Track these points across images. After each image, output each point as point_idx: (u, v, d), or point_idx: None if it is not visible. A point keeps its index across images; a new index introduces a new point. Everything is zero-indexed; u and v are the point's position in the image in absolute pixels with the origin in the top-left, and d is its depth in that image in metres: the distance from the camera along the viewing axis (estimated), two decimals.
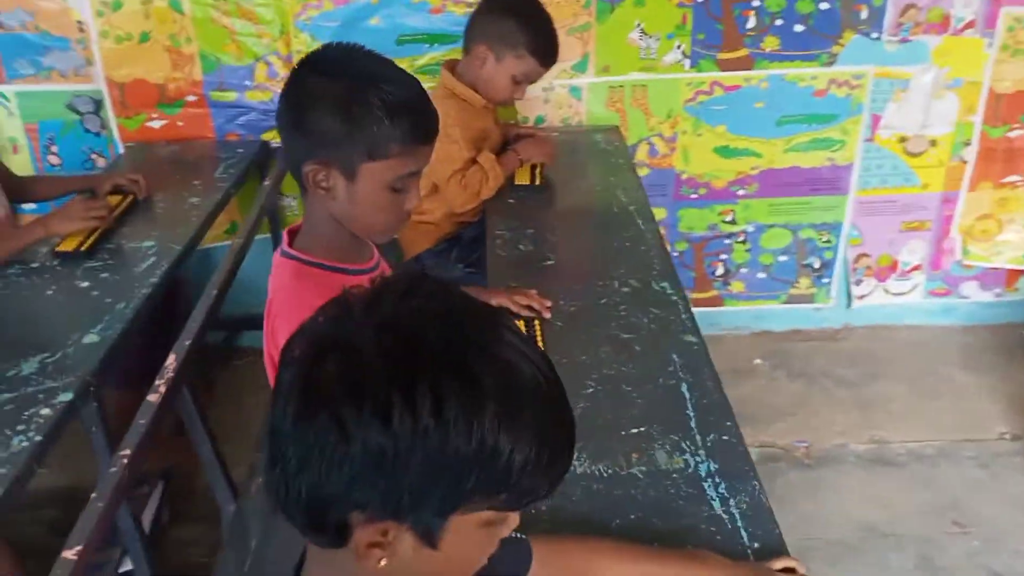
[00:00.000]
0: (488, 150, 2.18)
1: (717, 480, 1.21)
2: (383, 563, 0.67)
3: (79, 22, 2.44)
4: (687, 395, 1.39)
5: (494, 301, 1.59)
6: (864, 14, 2.46)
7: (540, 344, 1.51)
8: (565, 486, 0.83)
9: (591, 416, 1.35)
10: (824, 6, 2.45)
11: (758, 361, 2.89)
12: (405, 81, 1.28)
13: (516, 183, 2.17)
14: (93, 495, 1.21)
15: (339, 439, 0.62)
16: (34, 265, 1.86)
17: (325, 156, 1.25)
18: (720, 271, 2.89)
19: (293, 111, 1.26)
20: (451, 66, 2.24)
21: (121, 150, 2.57)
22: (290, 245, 1.35)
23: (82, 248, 1.88)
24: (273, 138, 2.56)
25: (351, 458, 0.62)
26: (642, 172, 2.66)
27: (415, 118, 1.25)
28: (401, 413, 0.61)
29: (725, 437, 1.30)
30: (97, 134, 2.59)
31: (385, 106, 1.22)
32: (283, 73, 2.50)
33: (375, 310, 0.67)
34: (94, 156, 2.61)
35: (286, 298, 1.29)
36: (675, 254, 2.82)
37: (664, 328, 1.58)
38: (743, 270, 2.89)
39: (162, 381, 1.47)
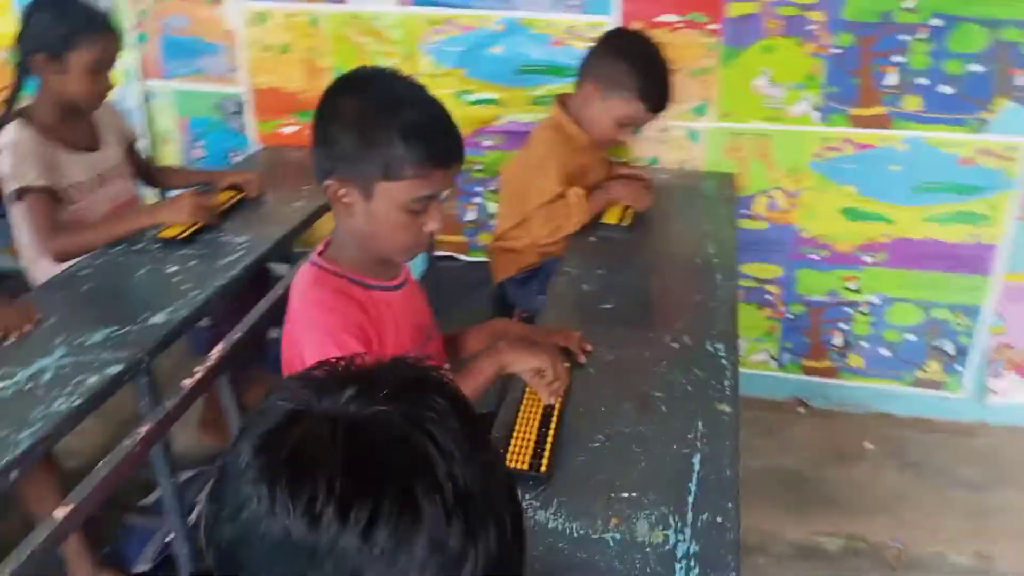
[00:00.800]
0: (586, 187, 2.15)
1: (692, 564, 1.11)
2: None
3: (229, 31, 2.64)
4: (696, 467, 1.29)
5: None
6: (1020, 80, 2.21)
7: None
8: (529, 536, 0.79)
9: (585, 471, 1.28)
10: (975, 68, 2.23)
11: (868, 445, 2.64)
12: (427, 105, 1.29)
13: (603, 221, 2.11)
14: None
15: (268, 513, 0.61)
16: (137, 246, 2.01)
17: (344, 173, 1.28)
18: (838, 341, 2.68)
19: (319, 127, 1.30)
20: (563, 99, 2.23)
21: (256, 150, 2.75)
22: (320, 255, 1.38)
23: (180, 236, 2.02)
24: None
25: (272, 535, 0.60)
26: (758, 226, 2.53)
27: (432, 142, 1.26)
28: (331, 520, 0.59)
29: (719, 519, 1.18)
30: (237, 134, 2.79)
31: (402, 128, 1.24)
32: None
33: (348, 397, 0.64)
34: (233, 154, 2.80)
35: (303, 305, 1.33)
36: (789, 316, 2.65)
37: (700, 392, 1.48)
38: (864, 343, 2.66)
39: (202, 368, 1.54)
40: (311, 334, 1.29)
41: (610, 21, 2.37)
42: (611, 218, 2.12)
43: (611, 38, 2.20)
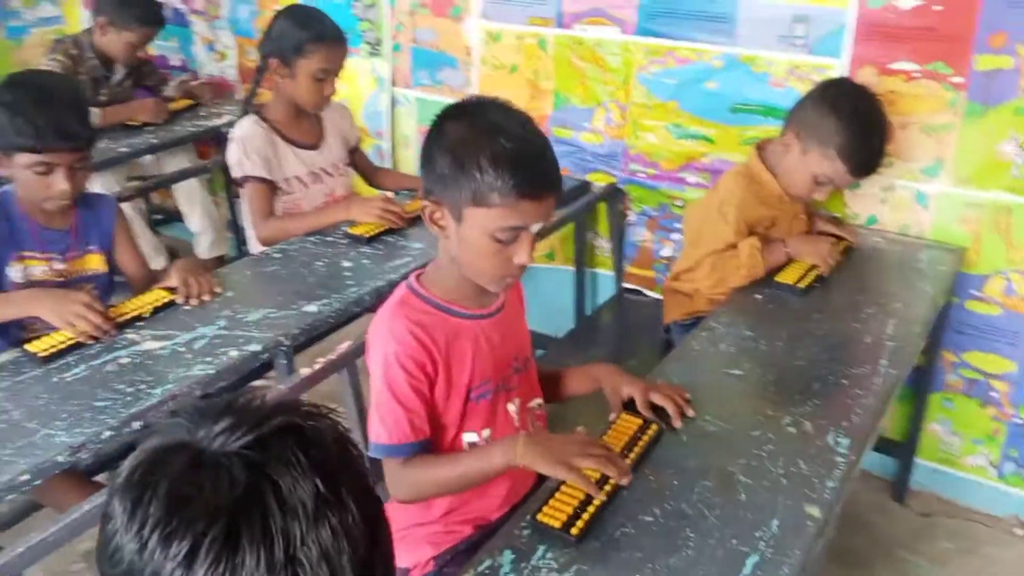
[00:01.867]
0: (769, 239, 2.00)
1: None
2: None
3: (468, 47, 2.79)
4: (746, 570, 1.15)
5: (626, 390, 1.48)
6: None
7: (640, 449, 1.37)
8: None
9: (621, 545, 1.20)
10: None
11: None
12: (524, 138, 1.28)
13: (776, 279, 1.94)
14: None
15: (121, 528, 0.63)
16: (328, 239, 2.20)
17: (439, 195, 1.30)
18: None
19: (425, 148, 1.33)
20: (762, 146, 2.10)
21: None
22: (417, 277, 1.42)
23: (367, 236, 2.17)
24: (596, 179, 2.64)
25: (112, 544, 0.64)
26: (990, 311, 2.18)
27: (522, 173, 1.24)
28: (155, 546, 0.61)
29: None
30: None
31: (492, 155, 1.24)
32: (617, 120, 2.56)
33: (216, 432, 0.65)
34: None
35: (378, 320, 1.38)
36: (1017, 420, 2.25)
37: (795, 487, 1.31)
38: None
39: (322, 361, 1.66)
40: (375, 351, 1.34)
41: (838, 65, 2.17)
42: (788, 277, 1.94)
43: (826, 87, 2.01)
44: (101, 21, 3.02)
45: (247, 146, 2.23)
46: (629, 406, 1.47)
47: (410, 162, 3.10)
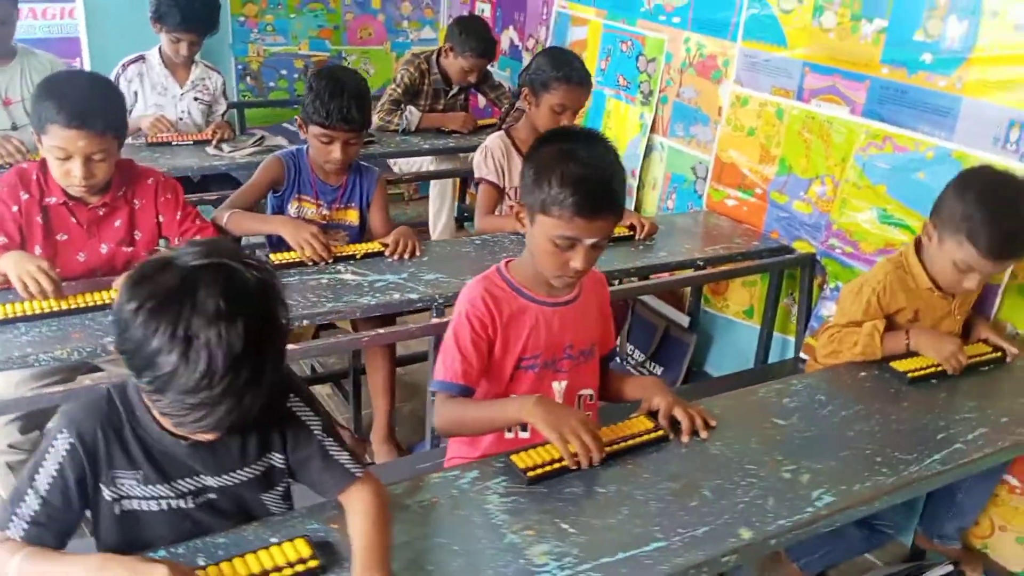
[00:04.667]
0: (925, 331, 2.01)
1: None
2: None
3: (720, 107, 3.03)
4: (647, 548, 1.33)
5: (657, 400, 1.68)
6: None
7: (635, 443, 1.57)
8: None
9: (559, 497, 1.43)
10: None
11: None
12: (592, 165, 1.56)
13: (891, 363, 1.94)
14: None
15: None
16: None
17: (524, 199, 1.64)
18: None
19: (523, 162, 1.67)
20: (920, 238, 2.09)
21: (701, 212, 3.10)
22: (507, 263, 1.76)
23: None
24: (799, 247, 2.73)
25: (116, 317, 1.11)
26: None
27: (579, 195, 1.52)
28: (122, 308, 1.07)
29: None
30: (698, 196, 3.17)
31: (560, 176, 1.54)
32: (829, 195, 2.64)
33: (186, 253, 1.11)
34: (695, 212, 3.19)
35: (466, 286, 1.74)
36: None
37: (746, 514, 1.42)
38: None
39: None
40: (457, 306, 1.70)
41: None
42: (904, 365, 1.94)
43: (964, 174, 1.98)
44: (446, 47, 3.76)
45: (488, 155, 2.72)
46: (655, 414, 1.67)
47: (654, 204, 3.41)
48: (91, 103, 1.93)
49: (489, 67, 3.88)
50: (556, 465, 1.50)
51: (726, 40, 2.97)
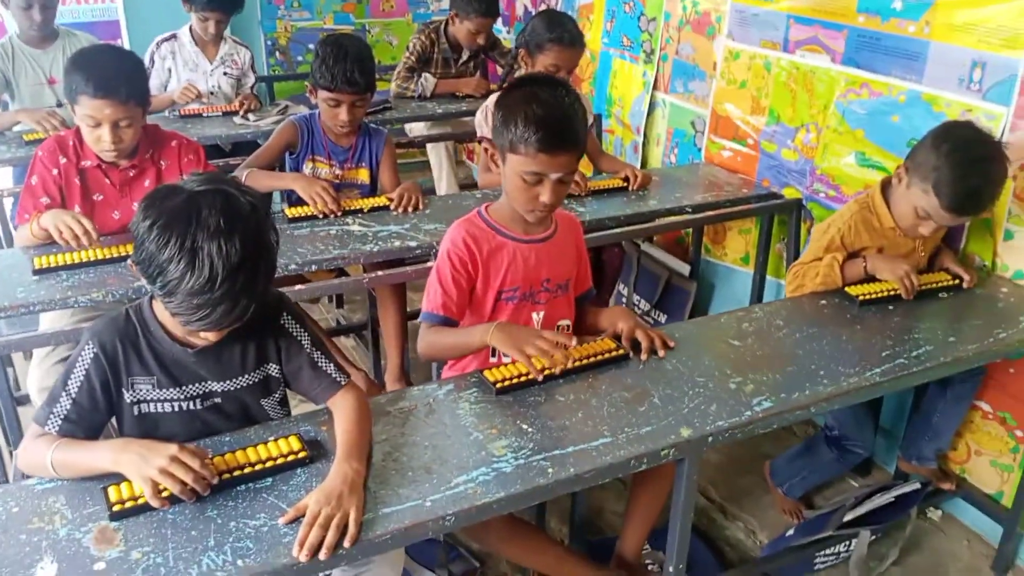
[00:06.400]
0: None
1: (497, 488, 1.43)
2: None
3: (715, 63, 3.15)
4: (595, 444, 1.52)
5: (621, 324, 1.86)
6: None
7: (596, 360, 1.76)
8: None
9: (523, 403, 1.63)
10: None
11: None
12: (552, 105, 1.71)
13: (847, 289, 2.09)
14: None
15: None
16: None
17: (496, 139, 1.81)
18: None
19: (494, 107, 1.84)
20: (887, 181, 2.21)
21: (699, 164, 3.23)
22: (487, 206, 1.94)
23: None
24: (788, 193, 2.86)
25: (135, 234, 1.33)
26: None
27: (543, 132, 1.69)
28: (138, 226, 1.30)
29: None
30: (697, 149, 3.30)
31: (524, 116, 1.71)
32: (812, 142, 2.76)
33: (193, 181, 1.33)
34: (694, 164, 3.33)
35: (450, 227, 1.92)
36: None
37: (689, 416, 1.60)
38: None
39: None
40: (441, 246, 1.88)
41: (1006, 112, 2.18)
42: (857, 289, 2.09)
43: (943, 126, 2.08)
44: (452, 13, 3.92)
45: (488, 114, 2.89)
46: (620, 338, 1.85)
47: (655, 158, 3.55)
48: (116, 75, 2.16)
49: (502, 35, 4.04)
50: (522, 379, 1.69)
51: None
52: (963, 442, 2.46)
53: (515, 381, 1.68)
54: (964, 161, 1.96)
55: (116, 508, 1.30)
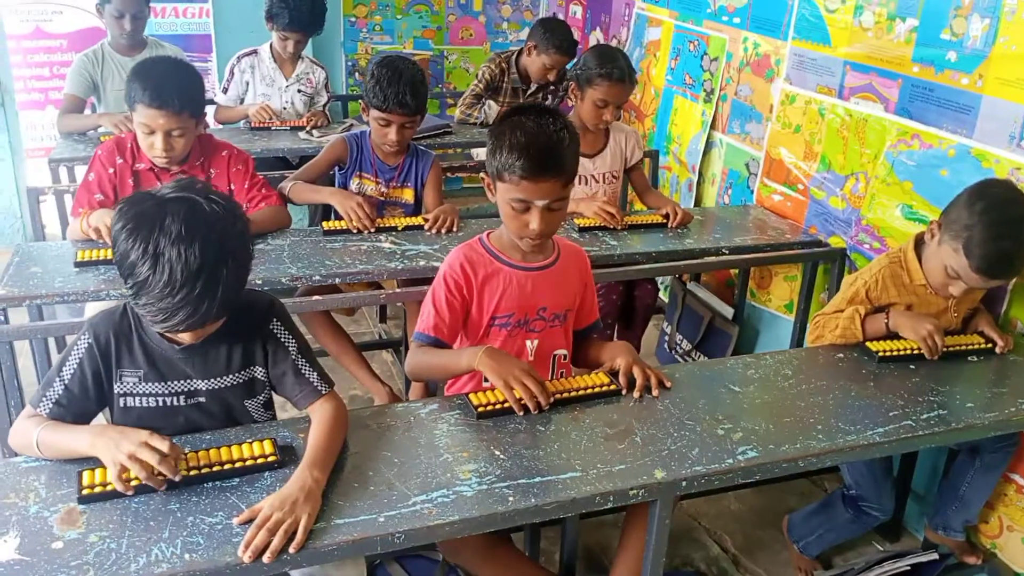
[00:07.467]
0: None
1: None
2: None
3: (772, 105, 3.10)
4: (564, 476, 1.51)
5: (619, 360, 1.83)
6: None
7: (585, 393, 1.75)
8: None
9: (503, 430, 1.63)
10: None
11: None
12: (536, 133, 1.72)
13: (867, 343, 2.02)
14: None
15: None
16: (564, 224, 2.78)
17: (487, 167, 1.83)
18: None
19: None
20: (921, 237, 2.13)
21: (750, 207, 3.17)
22: (489, 233, 1.95)
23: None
24: (834, 242, 2.78)
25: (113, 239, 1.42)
26: None
27: (525, 159, 1.70)
28: (116, 234, 1.37)
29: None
30: (751, 191, 3.25)
31: (509, 144, 1.73)
32: (861, 191, 2.68)
33: (168, 188, 1.41)
34: (745, 206, 3.27)
35: (449, 253, 1.94)
36: None
37: (668, 459, 1.58)
38: None
39: None
40: (440, 268, 1.91)
41: None
42: (879, 345, 2.01)
43: (981, 184, 1.99)
44: (529, 45, 3.98)
45: None
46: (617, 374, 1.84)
47: (712, 198, 3.50)
48: (171, 86, 2.29)
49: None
50: (506, 405, 1.69)
51: (779, 39, 3.05)
52: (995, 515, 2.32)
53: (498, 407, 1.69)
54: (998, 221, 1.88)
55: (85, 492, 1.37)
